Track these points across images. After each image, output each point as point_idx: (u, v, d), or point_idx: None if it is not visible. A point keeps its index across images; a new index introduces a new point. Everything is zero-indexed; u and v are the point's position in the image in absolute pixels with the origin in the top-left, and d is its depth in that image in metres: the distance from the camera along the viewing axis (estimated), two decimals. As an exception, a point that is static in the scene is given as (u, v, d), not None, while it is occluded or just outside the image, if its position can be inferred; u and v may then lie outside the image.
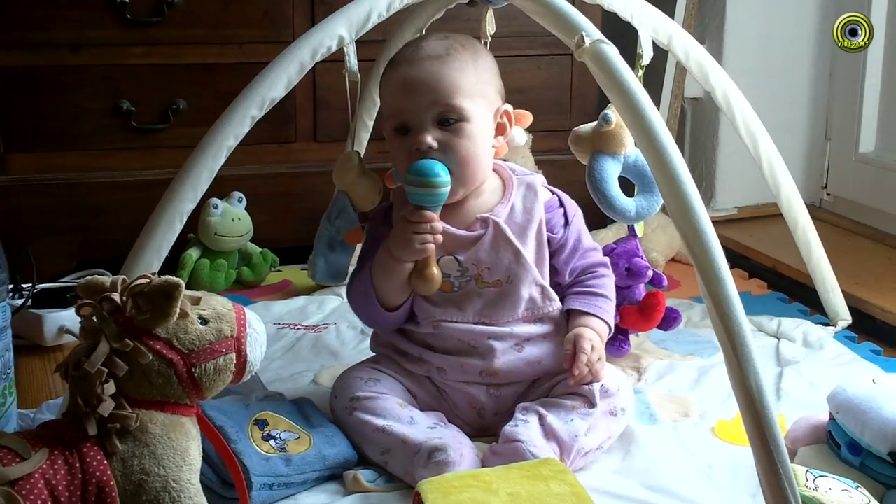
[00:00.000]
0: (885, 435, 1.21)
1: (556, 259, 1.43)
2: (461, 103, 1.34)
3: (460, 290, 1.38)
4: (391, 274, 1.36)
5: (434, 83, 1.34)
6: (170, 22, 1.99)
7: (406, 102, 1.36)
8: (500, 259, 1.38)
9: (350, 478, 1.28)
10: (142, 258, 1.26)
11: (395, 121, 1.38)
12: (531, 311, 1.40)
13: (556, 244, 1.43)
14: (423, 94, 1.34)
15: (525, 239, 1.40)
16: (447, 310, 1.38)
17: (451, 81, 1.34)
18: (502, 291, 1.38)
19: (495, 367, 1.38)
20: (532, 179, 1.44)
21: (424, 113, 1.35)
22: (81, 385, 1.04)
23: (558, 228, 1.43)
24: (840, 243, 2.20)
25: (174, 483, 1.05)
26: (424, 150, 1.33)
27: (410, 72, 1.36)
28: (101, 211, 2.00)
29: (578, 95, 2.24)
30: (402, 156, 1.37)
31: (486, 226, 1.38)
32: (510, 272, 1.38)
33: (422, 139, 1.34)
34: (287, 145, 2.13)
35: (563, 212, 1.45)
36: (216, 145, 1.30)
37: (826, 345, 1.73)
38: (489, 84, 1.39)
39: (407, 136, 1.36)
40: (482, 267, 1.38)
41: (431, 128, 1.35)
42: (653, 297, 1.59)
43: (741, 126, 1.70)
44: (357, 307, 1.44)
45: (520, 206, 1.41)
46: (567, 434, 1.29)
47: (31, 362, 1.67)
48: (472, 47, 1.39)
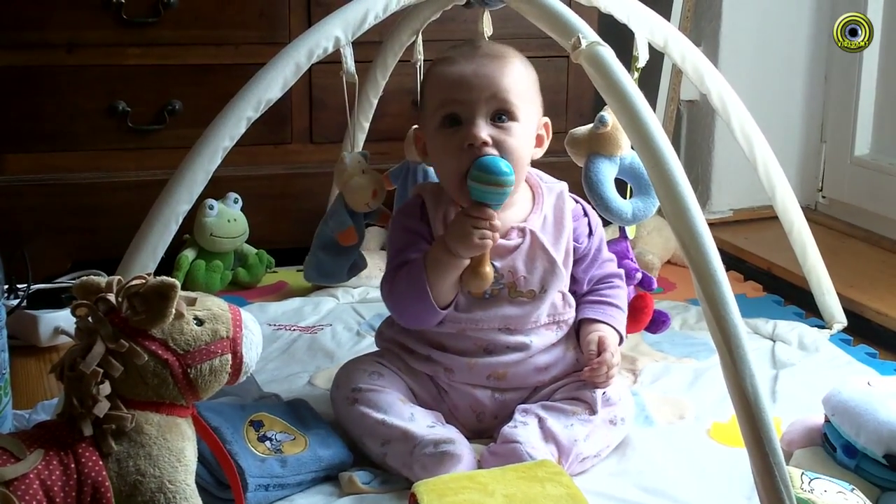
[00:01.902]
0: (880, 437, 1.21)
1: (577, 268, 1.44)
2: (516, 101, 1.35)
3: (491, 296, 1.38)
4: (447, 269, 1.33)
5: (493, 77, 1.35)
6: (166, 23, 1.99)
7: (461, 94, 1.35)
8: (537, 268, 1.38)
9: (345, 479, 1.27)
10: (137, 259, 1.26)
11: (444, 111, 1.36)
12: (552, 317, 1.40)
13: (579, 253, 1.44)
14: (482, 88, 1.34)
15: (558, 248, 1.40)
16: (473, 314, 1.37)
17: (509, 80, 1.35)
18: (533, 301, 1.38)
19: (503, 371, 1.38)
20: (560, 188, 1.45)
21: (480, 105, 1.34)
22: (77, 386, 1.03)
23: (583, 238, 1.44)
24: (835, 246, 2.21)
25: (169, 484, 1.04)
26: (479, 144, 1.32)
27: (470, 66, 1.36)
28: (97, 211, 2.00)
29: (574, 97, 2.24)
30: (451, 149, 1.35)
31: (524, 235, 1.38)
32: (544, 282, 1.38)
33: (477, 133, 1.32)
34: (283, 146, 2.13)
35: (587, 221, 1.46)
36: (212, 146, 1.30)
37: (821, 347, 1.73)
38: (537, 94, 1.41)
39: (456, 130, 1.35)
40: (518, 276, 1.37)
41: (484, 123, 1.34)
42: (640, 299, 1.59)
43: (737, 128, 1.70)
44: (402, 304, 1.38)
45: (551, 215, 1.42)
46: (566, 438, 1.29)
47: (27, 363, 1.67)
48: (520, 58, 1.40)
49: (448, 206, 1.39)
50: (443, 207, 1.40)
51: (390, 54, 1.73)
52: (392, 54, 1.73)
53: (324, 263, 1.63)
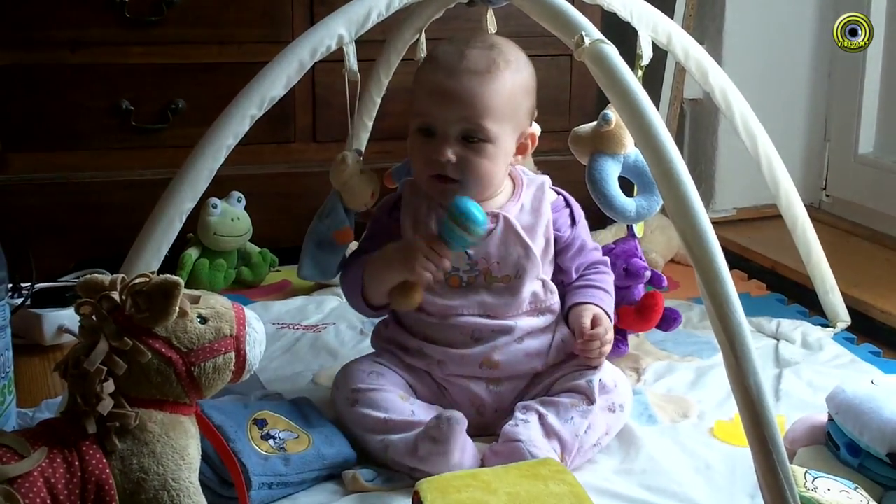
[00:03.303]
0: (883, 436, 1.21)
1: (562, 258, 1.46)
2: (488, 125, 1.35)
3: (468, 284, 1.39)
4: (382, 277, 1.37)
5: (467, 99, 1.34)
6: (169, 21, 1.99)
7: (436, 109, 1.36)
8: (510, 253, 1.39)
9: (349, 477, 1.27)
10: (141, 257, 1.26)
11: (421, 121, 1.38)
12: (534, 305, 1.42)
13: (562, 243, 1.45)
14: (454, 108, 1.35)
15: (534, 235, 1.41)
16: (453, 303, 1.39)
17: (484, 102, 1.34)
18: (510, 287, 1.40)
19: (495, 358, 1.38)
20: (541, 180, 1.47)
21: (451, 125, 1.35)
22: (81, 384, 1.03)
23: (565, 228, 1.46)
24: (839, 244, 2.21)
25: (173, 482, 1.05)
26: (442, 162, 1.35)
27: (447, 82, 1.35)
28: (101, 210, 2.00)
29: (578, 95, 2.24)
30: (420, 157, 1.39)
31: (497, 221, 1.39)
32: (519, 267, 1.40)
33: (442, 152, 1.35)
34: (286, 145, 2.13)
35: (569, 212, 1.47)
36: (215, 145, 1.30)
37: (825, 346, 1.73)
38: (521, 106, 1.39)
39: (429, 140, 1.37)
40: (492, 261, 1.39)
41: (454, 141, 1.36)
42: (651, 297, 1.59)
43: (740, 126, 1.70)
44: (345, 291, 1.47)
45: (529, 204, 1.43)
46: (568, 433, 1.30)
47: (31, 361, 1.67)
48: (514, 64, 1.38)
49: (422, 202, 1.42)
50: (416, 201, 1.42)
51: (393, 53, 1.72)
52: (395, 53, 1.73)
53: (319, 260, 1.63)
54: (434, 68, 1.38)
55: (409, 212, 1.42)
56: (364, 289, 1.40)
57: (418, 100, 1.40)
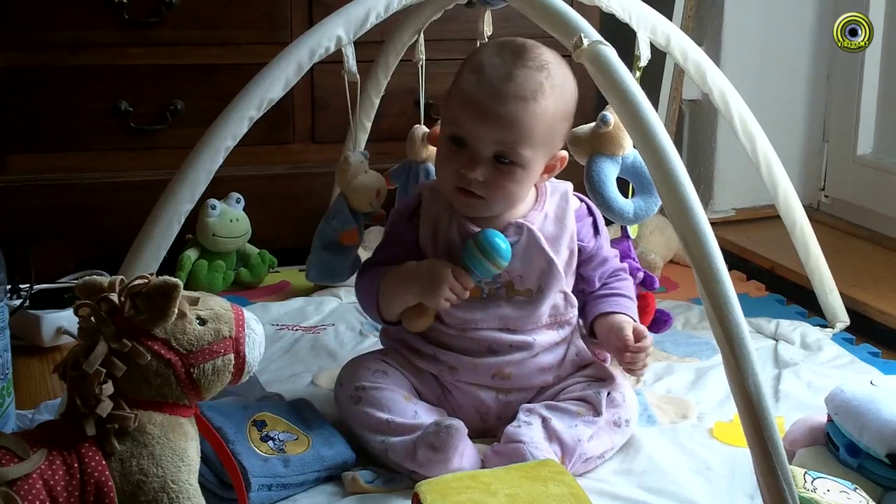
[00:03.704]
0: (883, 437, 1.21)
1: (586, 268, 1.44)
2: (523, 151, 1.32)
3: (489, 296, 1.38)
4: (398, 296, 1.36)
5: (508, 124, 1.31)
6: (168, 23, 1.99)
7: (472, 125, 1.32)
8: (533, 267, 1.38)
9: (348, 478, 1.27)
10: (140, 259, 1.26)
11: (454, 130, 1.35)
12: (554, 318, 1.40)
13: (586, 254, 1.44)
14: (492, 130, 1.31)
15: (558, 247, 1.39)
16: (473, 316, 1.37)
17: (523, 129, 1.31)
18: (531, 300, 1.38)
19: (508, 371, 1.38)
20: (565, 187, 1.44)
21: (486, 144, 1.32)
22: (80, 385, 1.03)
23: (589, 238, 1.44)
24: (838, 245, 2.21)
25: (172, 483, 1.05)
26: (470, 178, 1.32)
27: (490, 103, 1.30)
28: (100, 211, 2.00)
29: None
30: (448, 166, 1.36)
31: (521, 232, 1.37)
32: (541, 281, 1.38)
33: (472, 169, 1.32)
34: (285, 146, 2.13)
35: (591, 221, 1.45)
36: (214, 146, 1.30)
37: (824, 346, 1.73)
38: (558, 132, 1.37)
39: (460, 151, 1.34)
40: (514, 274, 1.37)
41: (485, 159, 1.33)
42: (642, 299, 1.58)
43: (738, 127, 1.70)
44: (360, 300, 1.44)
45: (552, 214, 1.41)
46: (570, 437, 1.29)
47: (30, 363, 1.67)
48: (560, 89, 1.35)
49: (441, 209, 1.40)
50: (436, 209, 1.40)
51: (392, 54, 1.73)
52: (394, 54, 1.73)
53: (326, 263, 1.63)
54: (478, 82, 1.32)
55: (429, 220, 1.40)
56: (380, 305, 1.38)
57: (455, 106, 1.35)
